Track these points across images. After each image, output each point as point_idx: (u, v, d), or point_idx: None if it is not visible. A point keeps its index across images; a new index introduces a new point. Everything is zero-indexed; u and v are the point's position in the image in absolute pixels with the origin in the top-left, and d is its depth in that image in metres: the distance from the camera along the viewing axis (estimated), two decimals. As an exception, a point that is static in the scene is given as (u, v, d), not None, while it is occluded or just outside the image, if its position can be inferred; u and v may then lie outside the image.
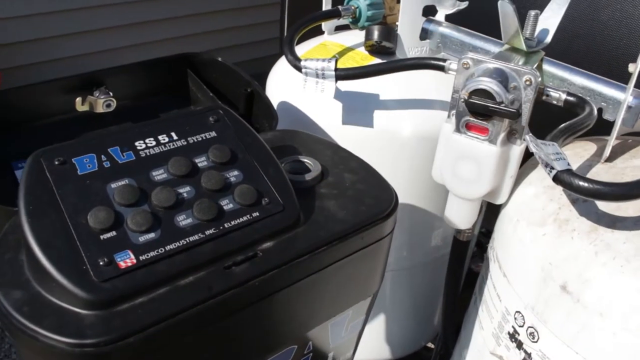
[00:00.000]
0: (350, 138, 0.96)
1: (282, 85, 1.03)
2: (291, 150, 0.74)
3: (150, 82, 0.91)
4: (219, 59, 0.91)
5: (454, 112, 0.80)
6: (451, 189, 0.83)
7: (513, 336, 0.81)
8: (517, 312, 0.79)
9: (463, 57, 0.77)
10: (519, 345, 0.80)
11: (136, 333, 0.50)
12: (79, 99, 0.83)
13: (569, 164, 0.66)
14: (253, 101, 0.89)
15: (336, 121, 0.95)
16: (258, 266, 0.57)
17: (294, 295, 0.61)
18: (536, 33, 0.83)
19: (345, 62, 0.99)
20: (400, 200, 1.03)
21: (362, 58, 0.99)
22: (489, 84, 0.74)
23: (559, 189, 0.77)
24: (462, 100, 0.76)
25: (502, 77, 0.75)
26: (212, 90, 0.92)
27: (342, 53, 1.02)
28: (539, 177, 0.82)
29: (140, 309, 0.52)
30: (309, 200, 0.66)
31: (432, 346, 1.35)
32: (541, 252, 0.74)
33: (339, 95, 0.95)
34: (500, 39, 0.84)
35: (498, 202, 0.83)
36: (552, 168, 0.65)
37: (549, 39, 0.83)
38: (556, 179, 0.65)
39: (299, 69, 0.90)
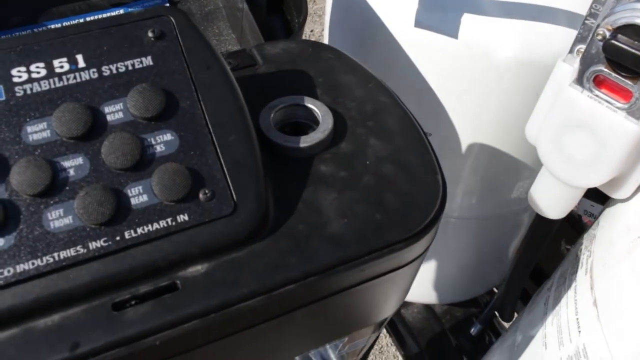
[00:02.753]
0: (423, 49, 0.66)
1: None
2: (299, 82, 0.47)
3: None
4: None
5: (580, 48, 0.48)
6: (548, 164, 0.54)
7: (588, 386, 0.56)
8: (602, 364, 0.54)
9: (621, -46, 0.44)
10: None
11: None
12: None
13: None
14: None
15: (408, 21, 0.65)
16: (171, 309, 0.35)
17: (227, 349, 0.39)
18: None
19: None
20: (482, 139, 0.74)
21: None
22: (656, 17, 0.41)
23: None
24: (600, 36, 0.44)
25: (685, 6, 0.41)
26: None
27: None
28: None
29: (-41, 365, 0.32)
30: (295, 185, 0.41)
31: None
32: (669, 308, 0.46)
33: (415, -19, 0.64)
34: None
35: (616, 196, 0.53)
36: None
37: None
38: None
39: None
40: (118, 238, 0.35)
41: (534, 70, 0.62)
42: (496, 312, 1.03)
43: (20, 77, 0.37)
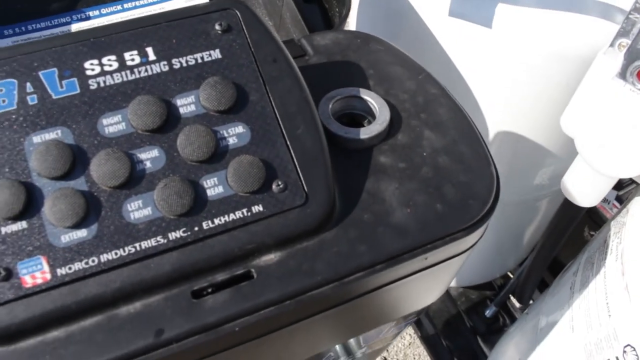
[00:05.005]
0: (454, 38, 0.67)
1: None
2: (351, 74, 0.48)
3: None
4: None
5: (623, 43, 0.49)
6: (585, 155, 0.55)
7: (617, 367, 0.58)
8: (630, 346, 0.56)
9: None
10: (623, 382, 0.58)
11: (37, 394, 0.32)
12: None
13: None
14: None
15: (441, 9, 0.65)
16: (248, 298, 0.36)
17: (299, 332, 0.40)
18: None
19: None
20: (508, 127, 0.76)
21: None
22: None
23: None
24: (648, 30, 0.45)
25: None
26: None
27: None
28: None
29: (50, 352, 0.33)
30: (357, 176, 0.42)
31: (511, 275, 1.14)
32: None
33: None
34: None
35: (654, 185, 0.55)
36: None
37: None
38: None
39: None
40: (196, 228, 0.36)
41: (566, 62, 0.63)
42: (511, 296, 1.05)
43: (93, 70, 0.37)
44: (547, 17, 0.62)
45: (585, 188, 0.58)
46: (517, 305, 1.07)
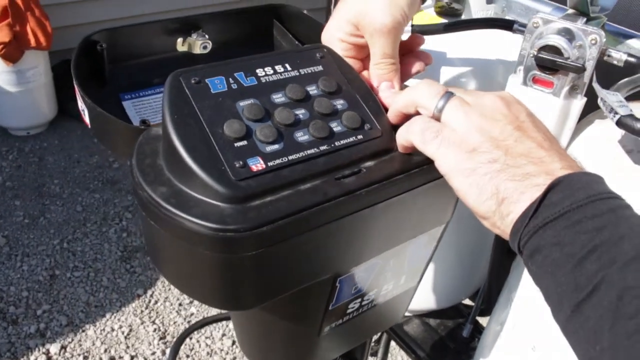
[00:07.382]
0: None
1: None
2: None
3: (239, 29, 0.99)
4: (305, 12, 0.99)
5: (521, 67, 0.88)
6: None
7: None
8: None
9: (534, 16, 0.86)
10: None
11: (267, 224, 0.59)
12: (180, 39, 0.92)
13: (631, 110, 0.74)
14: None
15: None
16: (363, 179, 0.66)
17: (389, 209, 0.70)
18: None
19: (414, 21, 1.07)
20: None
21: (430, 19, 1.07)
22: (558, 41, 0.82)
23: (613, 144, 0.86)
24: (532, 55, 0.84)
25: (570, 36, 0.83)
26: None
27: (409, 14, 1.09)
28: (596, 132, 0.90)
29: (269, 205, 0.61)
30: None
31: (471, 303, 1.43)
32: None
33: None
34: (564, 4, 0.92)
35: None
36: (616, 113, 0.73)
37: (611, 5, 0.91)
38: (619, 124, 0.74)
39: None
40: (332, 145, 0.66)
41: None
42: (477, 319, 1.34)
43: (261, 73, 0.69)
44: (472, 71, 1.02)
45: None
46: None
